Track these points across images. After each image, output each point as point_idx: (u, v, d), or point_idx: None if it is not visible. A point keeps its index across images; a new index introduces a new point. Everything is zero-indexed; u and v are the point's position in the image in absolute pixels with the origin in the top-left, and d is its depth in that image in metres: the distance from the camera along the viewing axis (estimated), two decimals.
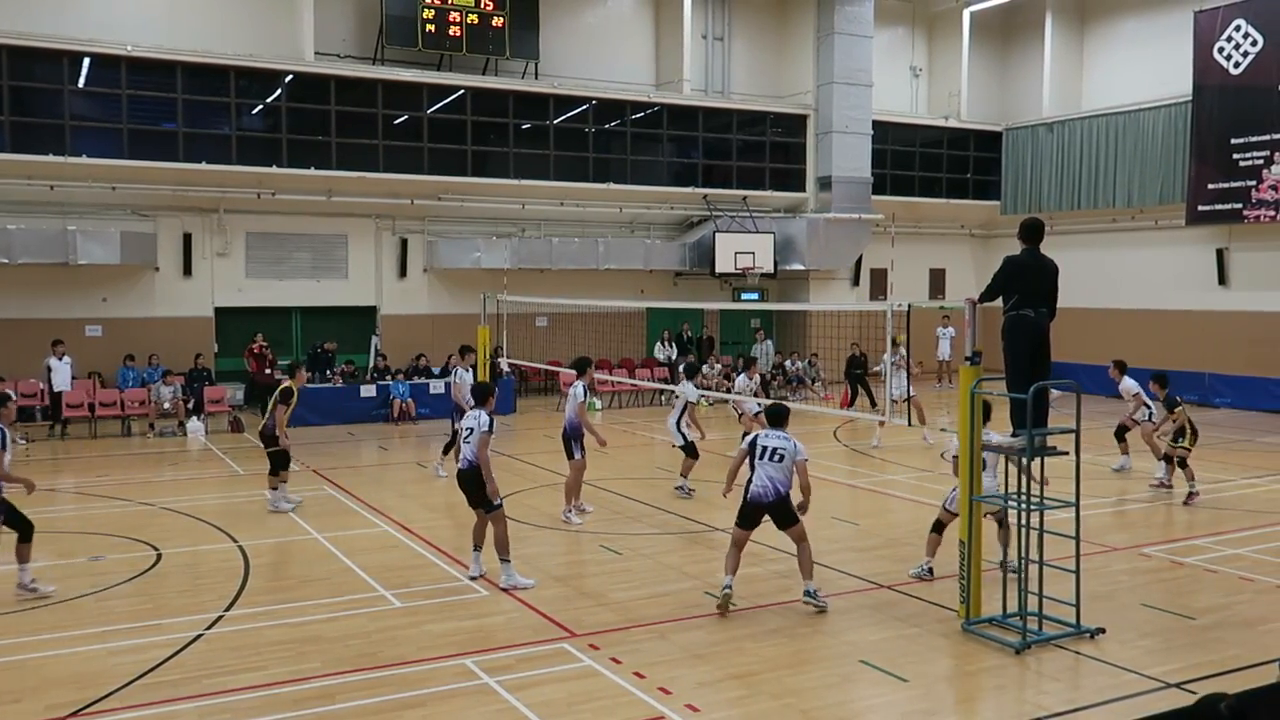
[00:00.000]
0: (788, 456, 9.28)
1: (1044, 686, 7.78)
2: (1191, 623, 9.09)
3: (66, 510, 13.85)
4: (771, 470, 9.27)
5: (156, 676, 7.78)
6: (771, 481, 9.26)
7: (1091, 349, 26.88)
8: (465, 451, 10.17)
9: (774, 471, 9.27)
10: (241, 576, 10.51)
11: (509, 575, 10.03)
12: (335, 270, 24.67)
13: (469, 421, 10.25)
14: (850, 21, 27.58)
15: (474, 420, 10.17)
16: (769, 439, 9.41)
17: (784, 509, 9.33)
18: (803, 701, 7.39)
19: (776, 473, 9.27)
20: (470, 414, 10.35)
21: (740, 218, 27.40)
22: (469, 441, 10.12)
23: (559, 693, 7.49)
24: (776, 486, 9.26)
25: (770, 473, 9.27)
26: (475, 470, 10.05)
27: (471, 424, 10.16)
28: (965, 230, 32.42)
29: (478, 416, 10.17)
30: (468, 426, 10.22)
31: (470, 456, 10.09)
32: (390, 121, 23.94)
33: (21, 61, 20.64)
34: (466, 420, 10.34)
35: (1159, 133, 26.81)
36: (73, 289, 21.94)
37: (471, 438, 10.09)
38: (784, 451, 9.29)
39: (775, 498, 9.26)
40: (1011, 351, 8.77)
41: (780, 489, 9.27)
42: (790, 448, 9.30)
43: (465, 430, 10.25)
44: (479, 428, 10.05)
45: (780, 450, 9.30)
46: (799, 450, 9.33)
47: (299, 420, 21.10)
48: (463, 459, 10.23)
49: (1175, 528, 12.75)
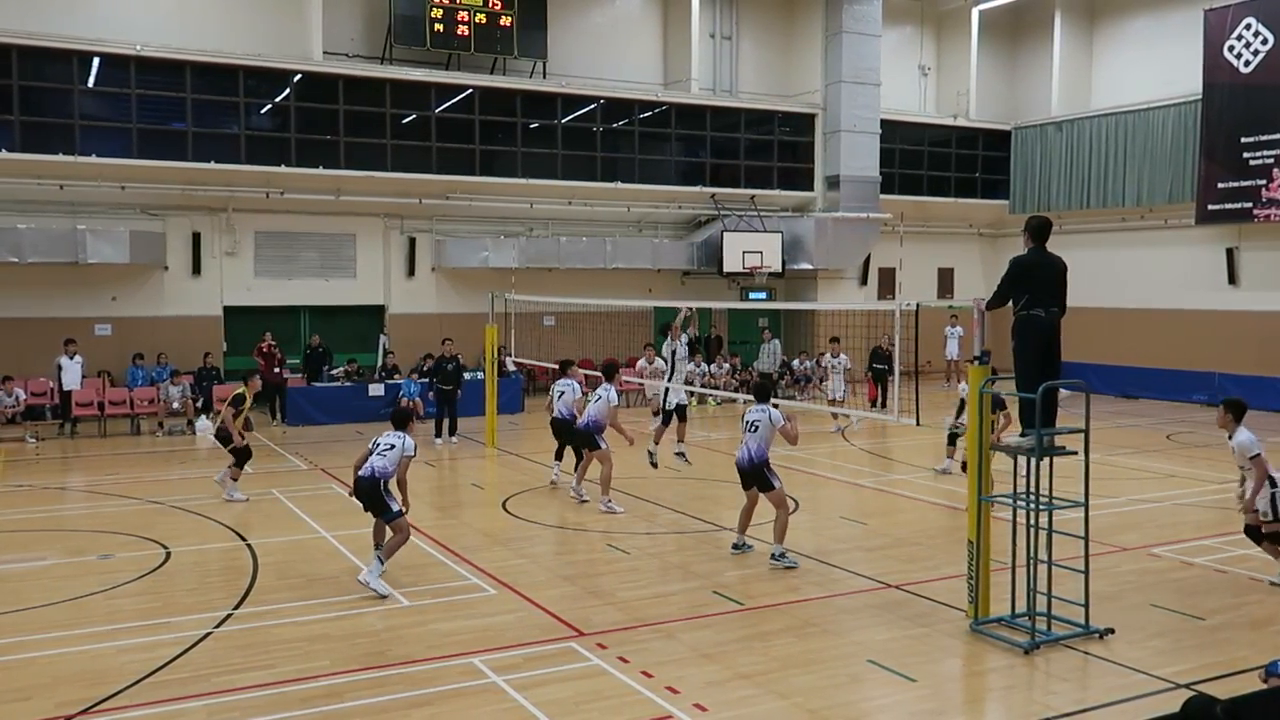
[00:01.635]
0: (762, 426, 10.72)
1: (1053, 687, 7.76)
2: (1201, 623, 9.06)
3: (76, 508, 13.88)
4: (749, 439, 10.77)
5: (165, 674, 7.80)
6: (747, 449, 10.75)
7: (1100, 349, 26.86)
8: (374, 463, 10.01)
9: (750, 441, 10.75)
10: (250, 575, 10.54)
11: (372, 572, 9.84)
12: (343, 269, 24.71)
13: (390, 439, 10.16)
14: (858, 20, 27.54)
15: (397, 439, 10.14)
16: (750, 413, 10.93)
17: (756, 474, 10.73)
18: (810, 701, 7.37)
19: (752, 442, 10.73)
20: (393, 434, 10.25)
21: (748, 217, 27.38)
22: (385, 455, 10.03)
23: (566, 692, 7.49)
24: (750, 454, 10.71)
25: (747, 441, 10.78)
26: (374, 482, 9.97)
27: (394, 441, 10.12)
28: (974, 229, 32.35)
29: (402, 438, 10.16)
30: (389, 443, 10.12)
31: (377, 468, 9.97)
32: (398, 121, 23.97)
33: (31, 61, 20.70)
34: (388, 437, 10.22)
35: (1168, 132, 26.72)
36: (82, 288, 22.00)
37: (391, 454, 10.03)
38: (759, 423, 10.75)
39: (748, 464, 10.73)
40: (1021, 351, 8.73)
41: (752, 455, 10.70)
42: (765, 419, 10.76)
43: (385, 445, 10.11)
44: (403, 449, 10.08)
45: (756, 422, 10.78)
46: (776, 418, 10.77)
47: (305, 419, 21.23)
48: (367, 468, 10.04)
49: (1185, 528, 12.70)
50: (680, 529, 12.58)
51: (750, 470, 10.76)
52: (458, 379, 19.63)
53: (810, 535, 12.19)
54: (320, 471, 16.38)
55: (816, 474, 15.97)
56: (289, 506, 13.77)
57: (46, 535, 12.42)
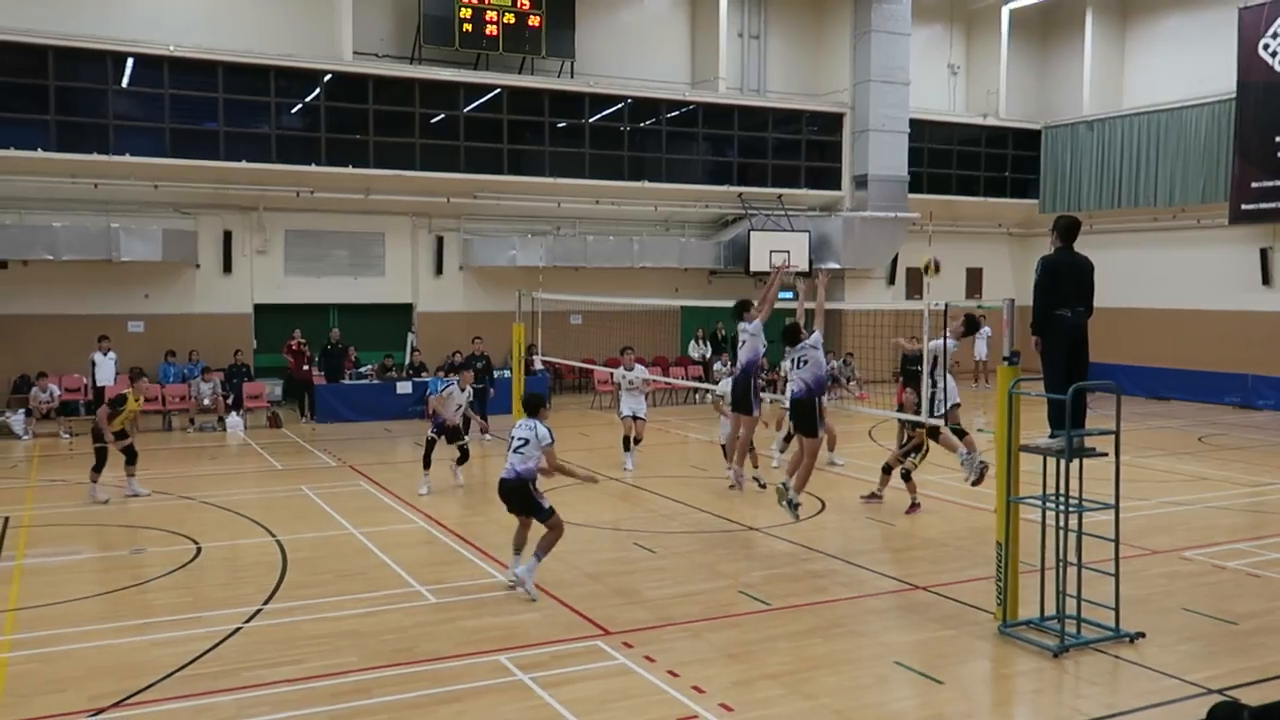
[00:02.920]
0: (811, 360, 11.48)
1: (1082, 690, 7.70)
2: (1233, 628, 8.96)
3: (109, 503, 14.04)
4: (799, 372, 11.52)
5: (196, 668, 7.88)
6: (800, 380, 11.47)
7: (1132, 350, 26.60)
8: (513, 461, 9.69)
9: (801, 372, 11.50)
10: (279, 571, 10.62)
11: (529, 571, 9.65)
12: (372, 268, 24.87)
13: (522, 431, 9.77)
14: (887, 19, 27.41)
15: (529, 430, 9.74)
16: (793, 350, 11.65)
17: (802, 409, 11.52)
18: (837, 702, 7.36)
19: (805, 373, 11.48)
20: (523, 423, 9.87)
21: (775, 216, 27.32)
22: (520, 451, 9.70)
23: (592, 690, 7.51)
24: (804, 384, 11.46)
25: (799, 373, 11.52)
26: (522, 482, 9.68)
27: (526, 434, 9.71)
28: (1003, 229, 32.13)
29: (534, 427, 9.74)
30: (520, 437, 9.73)
31: (519, 467, 9.65)
32: (427, 120, 24.10)
33: (67, 62, 20.98)
34: (519, 430, 9.82)
35: (1201, 130, 26.44)
36: (116, 285, 22.27)
37: (525, 448, 9.66)
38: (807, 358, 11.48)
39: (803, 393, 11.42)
40: (1050, 352, 8.68)
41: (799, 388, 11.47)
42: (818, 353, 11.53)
43: (519, 440, 9.73)
44: (537, 440, 9.67)
45: (803, 357, 11.49)
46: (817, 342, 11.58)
47: (334, 416, 21.36)
48: (509, 468, 9.73)
49: (1217, 531, 12.56)
50: (707, 528, 12.57)
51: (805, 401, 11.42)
52: (487, 376, 19.70)
53: (837, 536, 12.16)
54: (349, 468, 16.50)
55: (843, 474, 15.91)
56: (318, 503, 13.88)
57: (80, 530, 12.59)
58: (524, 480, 9.66)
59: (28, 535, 12.12)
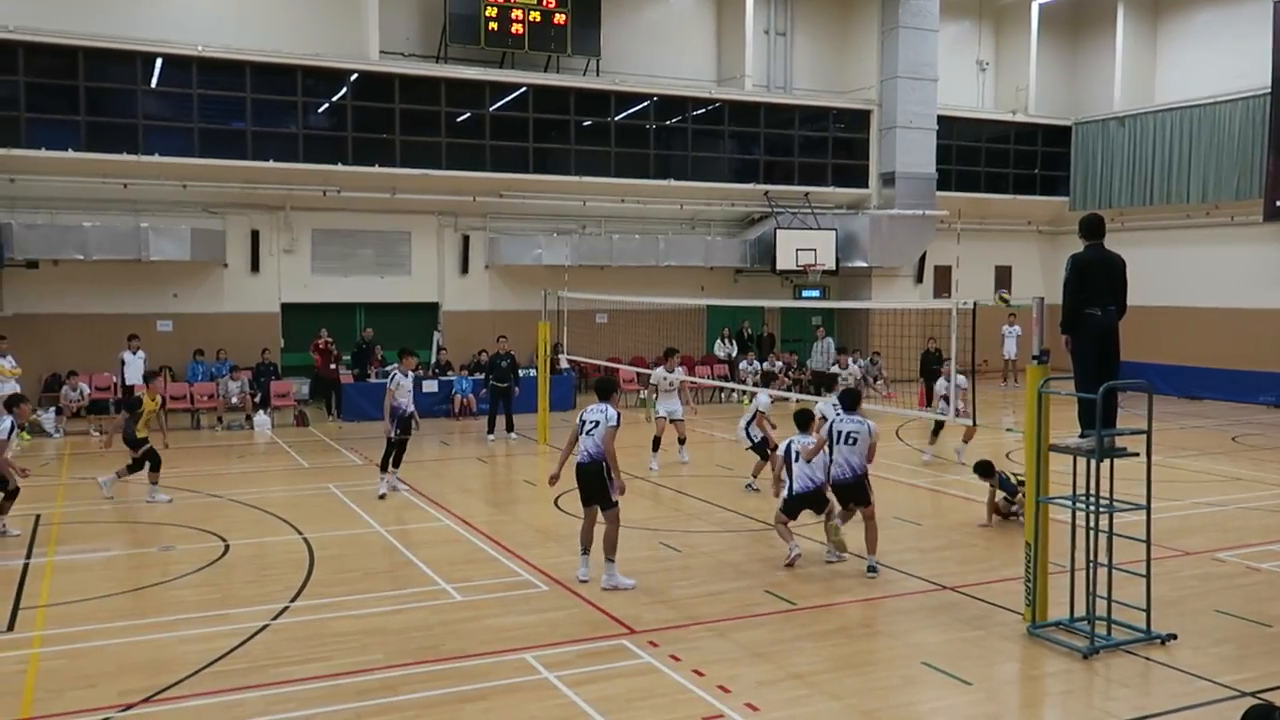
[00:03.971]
0: (861, 439, 10.50)
1: (1112, 693, 7.61)
2: (1267, 630, 8.83)
3: (138, 501, 14.16)
4: (847, 452, 10.53)
5: (224, 665, 7.93)
6: (848, 464, 10.52)
7: (1164, 349, 26.28)
8: (587, 445, 9.84)
9: (850, 455, 10.52)
10: (306, 568, 10.67)
11: (611, 575, 9.87)
12: (399, 267, 24.96)
13: (594, 415, 9.90)
14: (915, 15, 27.23)
15: (600, 414, 9.86)
16: (844, 423, 10.62)
17: (857, 487, 10.62)
18: (864, 703, 7.30)
19: (853, 456, 10.52)
20: (595, 407, 10.00)
21: (802, 214, 27.20)
22: (592, 435, 9.83)
23: (618, 689, 7.49)
24: (852, 468, 10.51)
25: (847, 456, 10.53)
26: (596, 464, 9.81)
27: (597, 417, 9.88)
28: (1033, 226, 31.85)
29: (604, 410, 9.87)
30: (592, 420, 9.86)
31: (592, 450, 9.81)
32: (453, 119, 24.16)
33: (97, 63, 21.17)
34: (590, 414, 9.96)
35: (1235, 126, 26.09)
36: (145, 285, 22.47)
37: (596, 431, 9.81)
38: (857, 434, 10.52)
39: (851, 478, 10.53)
40: (1079, 351, 8.58)
41: (855, 469, 10.53)
42: (865, 430, 10.54)
43: (590, 424, 9.87)
44: (606, 421, 9.79)
45: (854, 434, 10.52)
46: (874, 429, 10.65)
47: (360, 414, 21.42)
48: (583, 452, 9.87)
49: (1251, 533, 12.39)
50: (733, 527, 12.53)
51: (853, 484, 10.53)
52: (513, 376, 19.72)
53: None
54: (376, 466, 16.53)
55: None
56: (344, 501, 13.94)
57: (110, 527, 12.71)
58: (598, 462, 9.81)
59: (58, 532, 12.24)
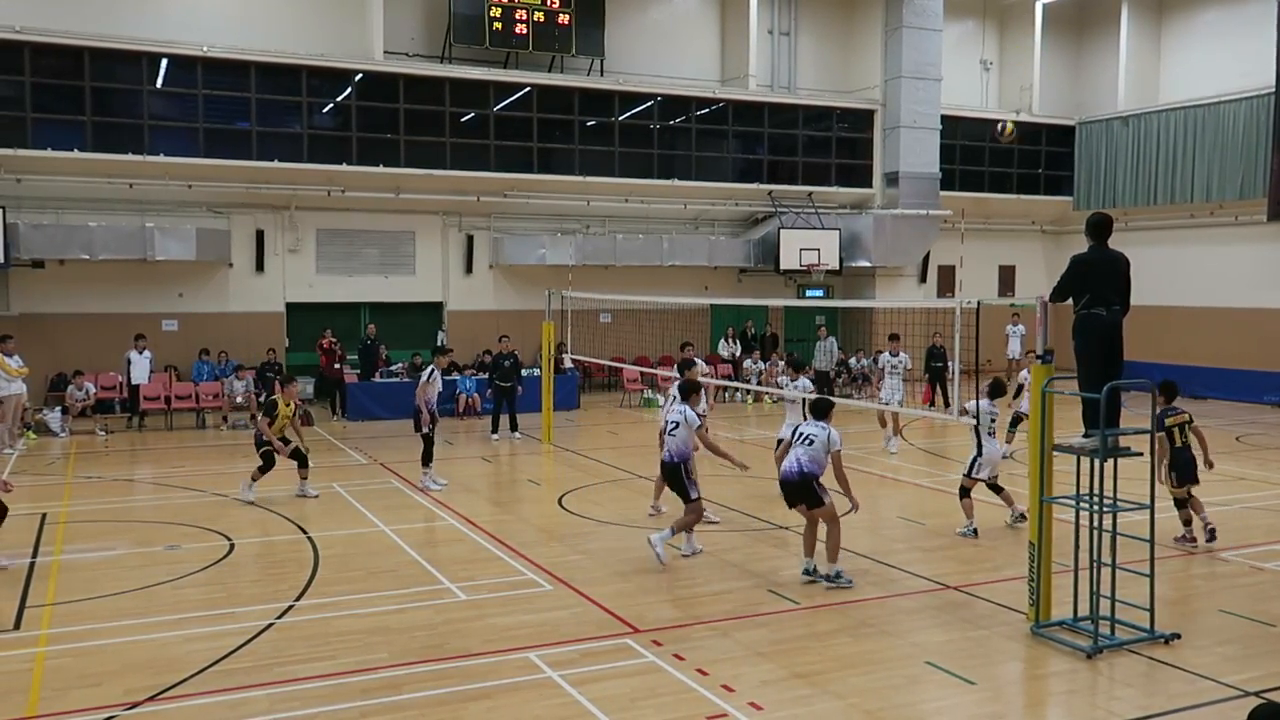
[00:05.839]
0: (818, 443, 9.94)
1: (1116, 692, 7.61)
2: (1271, 630, 8.83)
3: (144, 500, 14.20)
4: (800, 452, 9.96)
5: (229, 663, 7.95)
6: (798, 462, 9.93)
7: (1168, 348, 26.26)
8: (670, 445, 10.76)
9: (802, 455, 9.94)
10: (311, 567, 10.70)
11: (662, 538, 10.61)
12: (403, 266, 25.00)
13: (674, 416, 10.79)
14: (919, 15, 27.23)
15: (679, 415, 10.72)
16: (805, 426, 10.25)
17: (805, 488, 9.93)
18: (867, 702, 7.31)
19: (804, 455, 9.94)
20: (675, 408, 10.94)
21: (805, 214, 27.20)
22: (674, 435, 10.70)
23: (621, 688, 7.51)
24: (801, 467, 9.90)
25: (799, 454, 9.96)
26: (677, 465, 10.66)
27: (677, 418, 10.72)
28: (1036, 226, 31.84)
29: (683, 411, 10.73)
30: (673, 421, 10.76)
31: (671, 449, 10.70)
32: (457, 119, 24.20)
33: (102, 63, 21.23)
34: (671, 415, 10.88)
35: (1239, 126, 26.06)
36: (150, 284, 22.52)
37: (678, 431, 10.59)
38: (815, 438, 9.98)
39: (796, 478, 9.89)
40: (1083, 351, 8.58)
41: (802, 468, 9.89)
42: (824, 436, 9.98)
43: (670, 424, 10.80)
44: (685, 421, 10.66)
45: (812, 436, 10.00)
46: (835, 440, 9.97)
47: (365, 413, 21.46)
48: (666, 453, 10.83)
49: (1255, 532, 12.38)
50: (737, 527, 12.54)
51: (799, 483, 9.87)
52: (516, 375, 19.74)
53: (867, 535, 12.08)
54: (380, 466, 16.58)
55: (873, 473, 15.82)
56: (349, 500, 13.96)
57: (116, 526, 12.73)
58: (677, 462, 10.69)
59: (65, 531, 12.27)
